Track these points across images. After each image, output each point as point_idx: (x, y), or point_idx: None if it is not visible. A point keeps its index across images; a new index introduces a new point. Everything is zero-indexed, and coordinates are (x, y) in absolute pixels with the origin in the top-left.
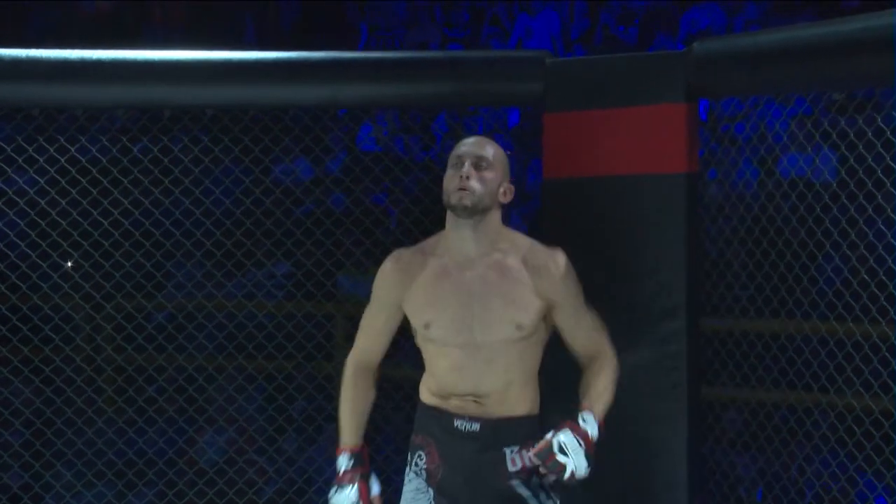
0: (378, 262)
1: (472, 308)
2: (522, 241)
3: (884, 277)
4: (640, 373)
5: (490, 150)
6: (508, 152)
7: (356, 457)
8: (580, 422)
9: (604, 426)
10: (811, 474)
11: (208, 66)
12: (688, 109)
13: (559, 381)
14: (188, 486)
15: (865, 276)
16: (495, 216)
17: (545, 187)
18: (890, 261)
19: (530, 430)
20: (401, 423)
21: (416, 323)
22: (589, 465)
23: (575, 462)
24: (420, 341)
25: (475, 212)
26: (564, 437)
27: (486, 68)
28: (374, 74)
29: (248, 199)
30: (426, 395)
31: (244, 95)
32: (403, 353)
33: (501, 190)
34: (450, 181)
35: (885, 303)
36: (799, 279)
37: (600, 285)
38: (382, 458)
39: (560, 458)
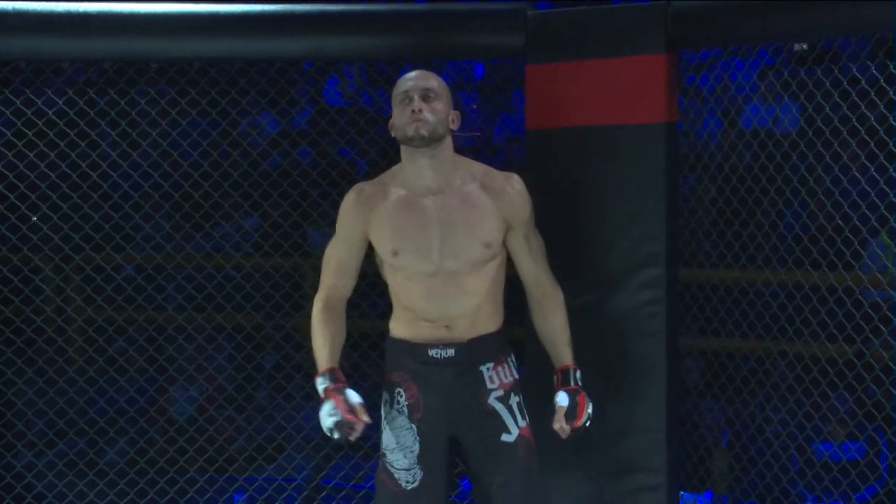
0: None
1: (439, 235)
2: (477, 167)
3: (841, 223)
4: (621, 319)
5: (434, 81)
6: (474, 105)
7: (330, 374)
8: (572, 381)
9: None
10: (777, 423)
11: (187, 18)
12: (668, 60)
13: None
14: (159, 433)
15: (825, 223)
16: (448, 144)
17: (528, 138)
18: (846, 206)
19: (500, 343)
20: (370, 372)
21: (382, 251)
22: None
23: (589, 409)
24: (387, 272)
25: (431, 140)
26: (572, 397)
27: (467, 21)
28: (352, 28)
29: (215, 152)
30: (397, 329)
31: (222, 48)
32: (369, 301)
33: (451, 118)
34: (400, 116)
35: (848, 255)
36: (761, 227)
37: (584, 232)
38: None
39: (588, 409)
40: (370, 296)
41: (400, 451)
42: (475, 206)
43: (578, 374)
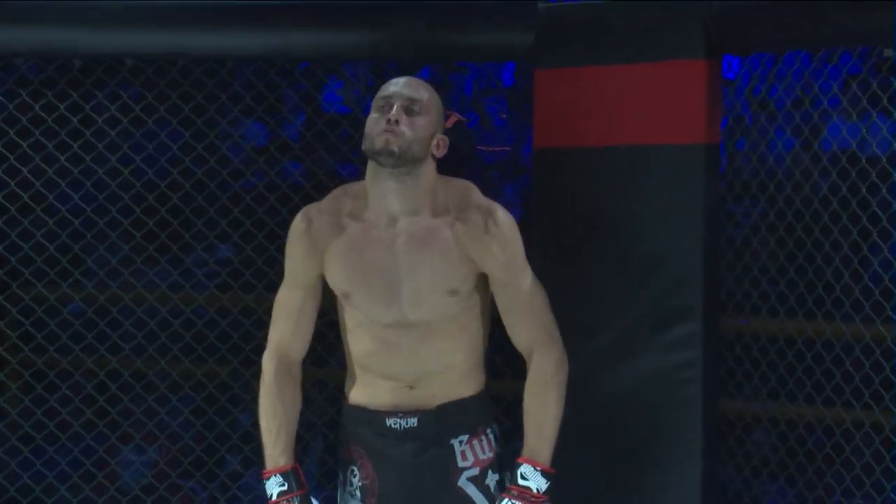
0: None
1: (399, 278)
2: (457, 193)
3: None
4: (646, 385)
5: (424, 93)
6: (503, 115)
7: (289, 477)
8: (519, 480)
9: (550, 469)
10: None
11: (136, 7)
12: (708, 67)
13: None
14: None
15: None
16: (426, 171)
17: (535, 158)
18: None
19: (479, 410)
20: (326, 431)
21: (335, 290)
22: None
23: None
24: (342, 315)
25: (403, 160)
26: None
27: (464, 14)
28: (333, 21)
29: (186, 157)
30: (352, 391)
31: (174, 43)
32: (328, 347)
33: (434, 141)
34: (373, 124)
35: None
36: (839, 274)
37: (601, 277)
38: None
39: None
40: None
41: None
42: (441, 246)
43: (541, 478)
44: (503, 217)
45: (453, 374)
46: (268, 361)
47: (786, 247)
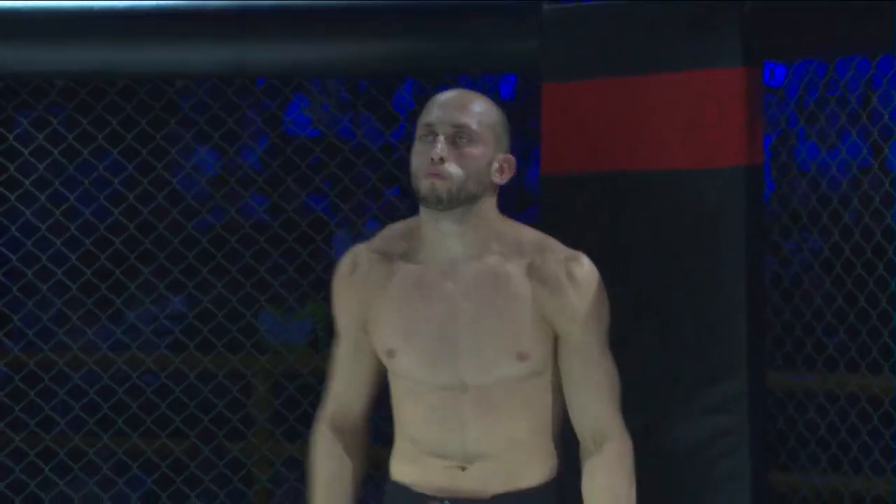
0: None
1: (457, 333)
2: (530, 236)
3: None
4: (680, 457)
5: (475, 111)
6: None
7: None
8: None
9: None
10: None
11: (67, 16)
12: (747, 76)
13: None
14: None
15: None
16: (488, 204)
17: (543, 186)
18: None
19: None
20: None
21: (379, 350)
22: None
23: None
24: (389, 378)
25: (455, 203)
26: None
27: (456, 19)
28: (302, 31)
29: (118, 206)
30: (396, 466)
31: (112, 58)
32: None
33: (495, 166)
34: (418, 160)
35: None
36: None
37: (619, 329)
38: None
39: None
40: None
41: None
42: (512, 299)
43: None
44: (588, 265)
45: (515, 456)
46: (321, 423)
47: (844, 287)
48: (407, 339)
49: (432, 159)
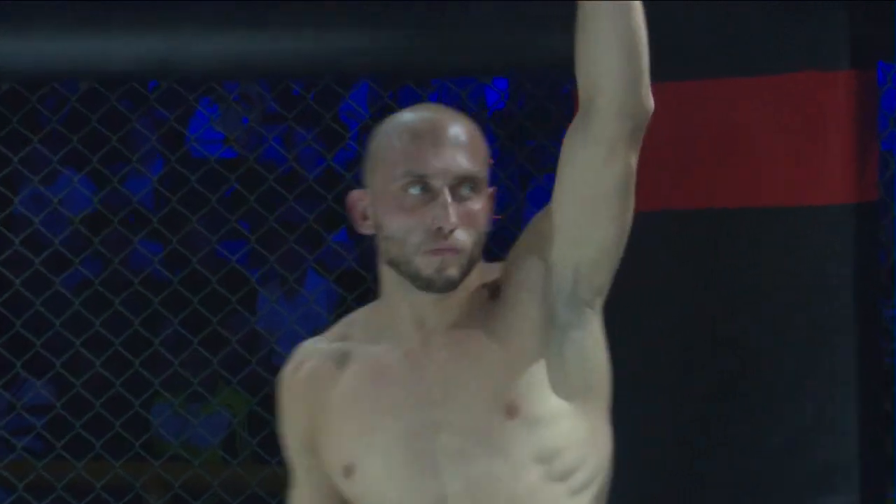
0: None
1: (436, 428)
2: (494, 275)
3: None
4: None
5: (475, 145)
6: (491, 162)
7: None
8: None
9: None
10: None
11: None
12: (857, 80)
13: None
14: None
15: None
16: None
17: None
18: None
19: None
20: None
21: (332, 471)
22: None
23: None
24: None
25: (462, 280)
26: None
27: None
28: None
29: None
30: None
31: None
32: None
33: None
34: (408, 224)
35: None
36: None
37: (700, 400)
38: None
39: None
40: None
41: None
42: (482, 349)
43: None
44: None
45: None
46: None
47: None
48: (366, 447)
49: (440, 228)
